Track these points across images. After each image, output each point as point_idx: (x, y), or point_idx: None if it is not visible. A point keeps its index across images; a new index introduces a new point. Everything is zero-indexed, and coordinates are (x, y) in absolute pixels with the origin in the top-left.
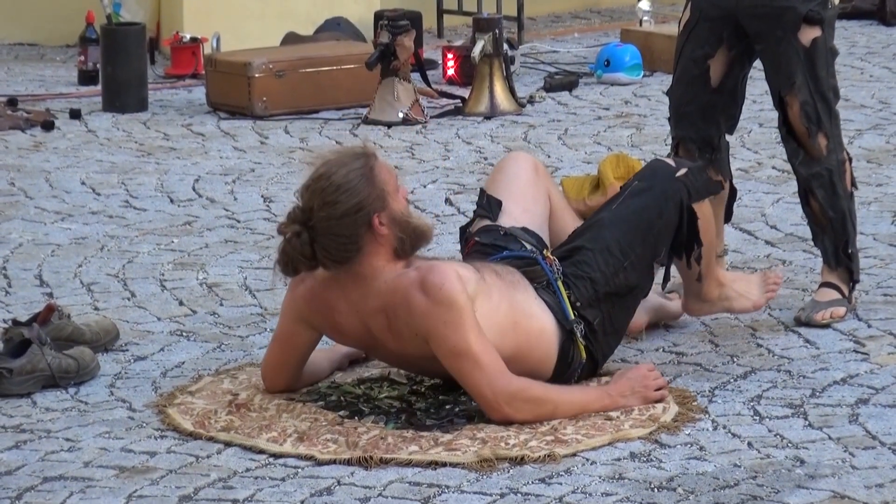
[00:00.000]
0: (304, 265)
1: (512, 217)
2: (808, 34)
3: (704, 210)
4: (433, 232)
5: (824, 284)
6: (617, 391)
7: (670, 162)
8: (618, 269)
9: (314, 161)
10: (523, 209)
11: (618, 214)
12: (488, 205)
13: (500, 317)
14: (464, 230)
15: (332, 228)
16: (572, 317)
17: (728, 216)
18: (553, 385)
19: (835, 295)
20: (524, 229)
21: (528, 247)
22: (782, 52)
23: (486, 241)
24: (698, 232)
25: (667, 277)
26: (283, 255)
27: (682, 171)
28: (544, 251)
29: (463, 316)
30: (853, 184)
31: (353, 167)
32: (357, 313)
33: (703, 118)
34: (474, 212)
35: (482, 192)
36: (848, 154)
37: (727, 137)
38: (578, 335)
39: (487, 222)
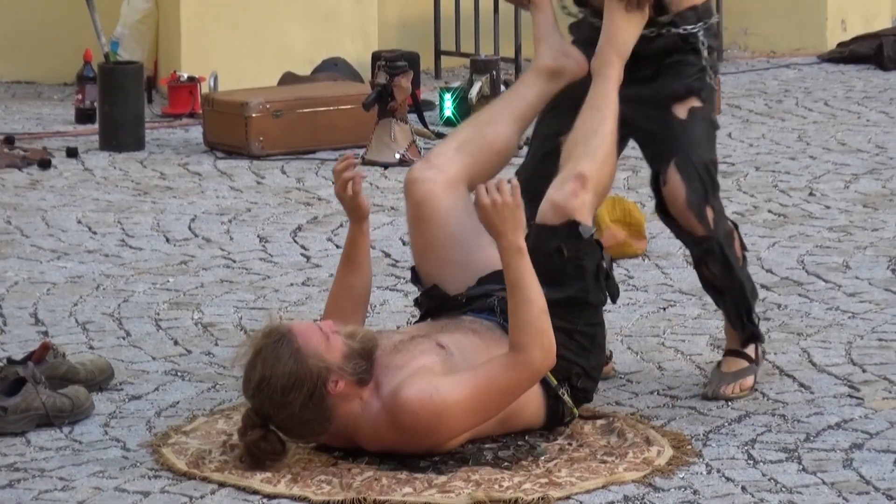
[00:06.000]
0: (280, 458)
1: (471, 259)
2: (685, 105)
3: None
4: (376, 337)
5: (730, 353)
6: (506, 240)
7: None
8: (572, 331)
9: (240, 357)
10: (478, 246)
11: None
12: (431, 292)
13: None
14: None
15: (298, 420)
16: (554, 382)
17: None
18: (513, 313)
19: (742, 364)
20: (479, 281)
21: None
22: (657, 131)
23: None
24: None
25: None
26: (252, 458)
27: (555, 246)
28: None
29: (450, 408)
30: (743, 247)
31: (283, 359)
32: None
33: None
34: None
35: (413, 271)
36: (732, 222)
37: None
38: (565, 396)
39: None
